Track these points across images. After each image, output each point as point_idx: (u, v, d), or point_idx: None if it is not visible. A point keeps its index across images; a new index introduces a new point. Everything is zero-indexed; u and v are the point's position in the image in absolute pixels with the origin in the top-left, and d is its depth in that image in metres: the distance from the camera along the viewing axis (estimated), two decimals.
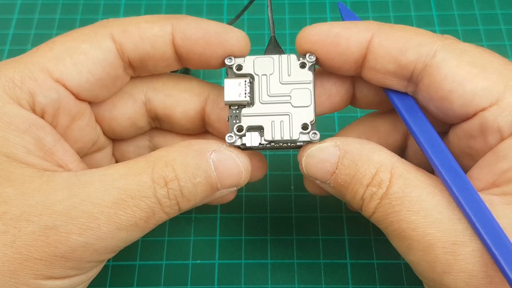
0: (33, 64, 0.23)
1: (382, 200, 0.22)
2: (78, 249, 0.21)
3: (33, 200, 0.21)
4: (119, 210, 0.21)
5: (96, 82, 0.24)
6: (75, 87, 0.24)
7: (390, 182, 0.22)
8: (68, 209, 0.21)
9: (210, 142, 0.23)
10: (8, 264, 0.20)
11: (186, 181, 0.22)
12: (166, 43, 0.24)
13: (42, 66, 0.23)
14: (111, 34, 0.24)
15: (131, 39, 0.24)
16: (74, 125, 0.25)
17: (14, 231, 0.20)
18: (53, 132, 0.24)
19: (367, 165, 0.22)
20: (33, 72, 0.23)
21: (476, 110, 0.22)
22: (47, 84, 0.23)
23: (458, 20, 0.42)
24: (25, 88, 0.23)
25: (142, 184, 0.22)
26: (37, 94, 0.23)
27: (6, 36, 0.42)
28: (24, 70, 0.23)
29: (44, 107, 0.23)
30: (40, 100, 0.23)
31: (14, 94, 0.23)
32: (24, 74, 0.23)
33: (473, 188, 0.21)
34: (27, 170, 0.22)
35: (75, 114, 0.25)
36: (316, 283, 0.32)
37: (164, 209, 0.22)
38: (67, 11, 0.44)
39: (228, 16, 0.43)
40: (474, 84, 0.22)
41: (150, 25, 0.24)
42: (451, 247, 0.20)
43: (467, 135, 0.23)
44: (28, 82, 0.23)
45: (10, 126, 0.22)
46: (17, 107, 0.22)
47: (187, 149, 0.23)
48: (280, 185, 0.36)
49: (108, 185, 0.21)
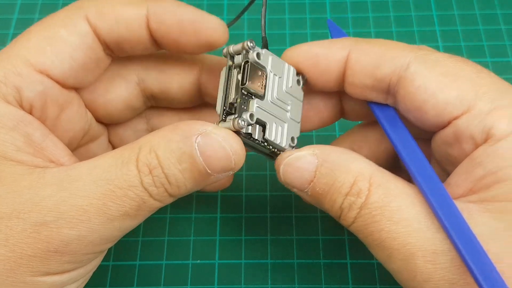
0: (15, 58, 0.23)
1: (362, 209, 0.22)
2: (71, 242, 0.21)
3: (23, 198, 0.21)
4: (108, 201, 0.21)
5: (80, 67, 0.24)
6: (60, 76, 0.24)
7: (369, 191, 0.22)
8: (57, 203, 0.21)
9: (196, 124, 0.22)
10: (4, 263, 0.20)
11: (170, 167, 0.21)
12: (142, 26, 0.24)
13: (24, 59, 0.23)
14: (85, 16, 0.24)
15: (106, 21, 0.24)
16: (63, 115, 0.25)
17: (6, 229, 0.20)
18: (41, 127, 0.24)
19: (345, 174, 0.22)
20: (16, 66, 0.23)
21: (449, 119, 0.22)
22: (32, 77, 0.23)
23: (458, 20, 0.42)
24: (10, 83, 0.22)
25: (128, 173, 0.21)
26: (23, 89, 0.23)
27: (6, 36, 0.42)
28: (7, 65, 0.23)
29: (31, 101, 0.23)
30: (27, 94, 0.23)
31: (0, 91, 0.22)
32: (7, 70, 0.23)
33: (449, 196, 0.21)
34: (17, 168, 0.22)
35: (62, 103, 0.25)
36: (316, 283, 0.32)
37: (154, 196, 0.22)
38: None
39: (228, 16, 0.43)
40: (445, 94, 0.22)
41: (125, 7, 0.24)
42: (431, 256, 0.21)
43: (445, 143, 0.23)
44: (12, 77, 0.23)
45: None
46: (4, 104, 0.22)
47: (171, 133, 0.22)
48: (280, 185, 0.35)
49: (96, 177, 0.21)
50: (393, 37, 0.42)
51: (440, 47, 0.41)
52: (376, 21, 0.43)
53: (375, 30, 0.42)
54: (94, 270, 0.25)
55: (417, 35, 0.42)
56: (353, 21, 0.43)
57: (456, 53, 0.40)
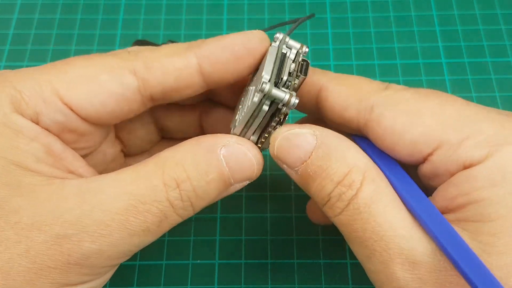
0: (44, 83, 0.23)
1: (350, 203, 0.22)
2: (91, 256, 0.21)
3: (43, 209, 0.21)
4: (130, 217, 0.21)
5: (107, 114, 0.24)
6: (83, 115, 0.23)
7: (361, 185, 0.21)
8: (79, 217, 0.21)
9: (219, 137, 0.23)
10: (24, 274, 0.20)
11: (198, 180, 0.22)
12: (193, 74, 0.24)
13: (53, 87, 0.22)
14: (134, 69, 0.23)
15: (154, 75, 0.24)
16: (81, 139, 0.25)
17: (26, 241, 0.20)
18: (59, 140, 0.23)
19: (340, 162, 0.22)
20: (43, 91, 0.22)
21: (423, 156, 0.22)
22: (55, 106, 0.23)
23: (458, 20, 0.42)
24: (32, 105, 0.22)
25: (152, 188, 0.21)
26: (43, 114, 0.22)
27: (6, 36, 0.42)
28: (35, 86, 0.22)
29: (47, 126, 0.23)
30: (44, 120, 0.23)
31: (19, 107, 0.22)
32: (33, 91, 0.22)
33: (433, 205, 0.21)
34: (37, 178, 0.21)
35: (82, 132, 0.24)
36: (316, 283, 0.32)
37: (177, 211, 0.22)
38: (67, 11, 0.44)
39: (228, 16, 0.43)
40: (412, 133, 0.22)
41: (172, 59, 0.24)
42: (410, 265, 0.20)
43: (425, 177, 0.23)
44: (35, 100, 0.22)
45: (19, 134, 0.22)
46: (24, 119, 0.22)
47: (196, 146, 0.22)
48: (280, 185, 0.36)
49: (118, 191, 0.21)
50: (393, 37, 0.42)
51: (440, 47, 0.41)
52: (376, 21, 0.43)
53: (375, 30, 0.42)
54: (108, 280, 0.25)
55: (417, 35, 0.42)
56: (353, 21, 0.43)
57: (456, 53, 0.41)
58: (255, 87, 0.23)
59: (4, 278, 0.20)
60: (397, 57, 0.41)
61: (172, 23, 0.43)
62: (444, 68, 0.40)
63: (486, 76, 0.40)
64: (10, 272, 0.20)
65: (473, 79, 0.40)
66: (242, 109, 0.24)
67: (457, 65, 0.40)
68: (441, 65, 0.40)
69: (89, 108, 0.23)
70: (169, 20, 0.43)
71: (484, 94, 0.39)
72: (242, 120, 0.23)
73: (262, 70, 0.23)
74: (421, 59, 0.41)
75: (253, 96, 0.23)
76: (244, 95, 0.26)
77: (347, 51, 0.41)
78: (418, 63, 0.40)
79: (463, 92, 0.39)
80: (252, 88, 0.24)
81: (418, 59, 0.41)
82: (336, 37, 0.42)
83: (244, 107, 0.24)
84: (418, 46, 0.41)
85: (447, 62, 0.40)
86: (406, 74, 0.40)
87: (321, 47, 0.41)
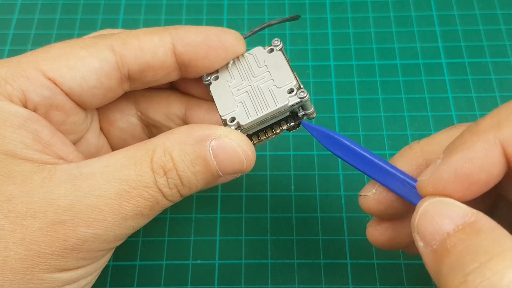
0: (26, 63, 0.23)
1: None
2: (87, 240, 0.21)
3: (36, 197, 0.21)
4: (123, 201, 0.21)
5: (88, 89, 0.24)
6: (67, 90, 0.24)
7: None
8: (73, 203, 0.21)
9: (211, 128, 0.23)
10: (21, 262, 0.21)
11: (184, 170, 0.22)
12: (167, 52, 0.25)
13: (36, 65, 0.23)
14: (111, 45, 0.24)
15: (131, 50, 0.24)
16: (68, 120, 0.25)
17: (22, 229, 0.21)
18: (48, 124, 0.24)
19: (492, 246, 0.18)
20: (25, 70, 0.23)
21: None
22: (40, 81, 0.23)
23: (458, 20, 0.42)
24: (17, 85, 0.23)
25: (142, 174, 0.22)
26: (29, 91, 0.23)
27: (6, 36, 0.42)
28: (17, 68, 0.23)
29: (36, 104, 0.23)
30: (32, 97, 0.23)
31: (5, 91, 0.23)
32: (16, 72, 0.23)
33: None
34: (27, 165, 0.22)
35: (68, 110, 0.25)
36: (316, 283, 0.32)
37: (167, 197, 0.23)
38: (67, 11, 0.44)
39: (228, 16, 0.43)
40: None
41: (149, 36, 0.25)
42: None
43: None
44: (20, 79, 0.23)
45: (5, 122, 0.22)
46: (10, 103, 0.22)
47: (186, 136, 0.23)
48: (280, 185, 0.36)
49: (110, 177, 0.22)
50: (393, 37, 0.42)
51: (440, 47, 0.41)
52: (376, 21, 0.43)
53: (375, 30, 0.42)
54: (105, 265, 0.25)
55: (417, 35, 0.42)
56: (353, 21, 0.43)
57: (456, 53, 0.41)
58: (283, 88, 0.24)
59: (1, 267, 0.21)
60: (397, 57, 0.41)
61: (172, 23, 0.43)
62: (444, 68, 0.40)
63: (486, 76, 0.40)
64: (6, 260, 0.21)
65: (473, 79, 0.40)
66: (258, 104, 0.25)
67: (457, 65, 0.40)
68: (441, 65, 0.40)
69: (72, 82, 0.24)
70: (169, 20, 0.43)
71: (484, 94, 0.39)
72: (259, 117, 0.24)
73: (255, 73, 0.25)
74: (421, 59, 0.41)
75: (286, 99, 0.24)
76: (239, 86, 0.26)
77: (347, 51, 0.41)
78: (418, 63, 0.40)
79: (463, 93, 0.39)
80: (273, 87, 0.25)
81: (418, 59, 0.41)
82: (336, 37, 0.42)
83: (262, 103, 0.24)
84: (418, 46, 0.41)
85: (447, 62, 0.40)
86: (406, 74, 0.40)
87: (321, 47, 0.41)
